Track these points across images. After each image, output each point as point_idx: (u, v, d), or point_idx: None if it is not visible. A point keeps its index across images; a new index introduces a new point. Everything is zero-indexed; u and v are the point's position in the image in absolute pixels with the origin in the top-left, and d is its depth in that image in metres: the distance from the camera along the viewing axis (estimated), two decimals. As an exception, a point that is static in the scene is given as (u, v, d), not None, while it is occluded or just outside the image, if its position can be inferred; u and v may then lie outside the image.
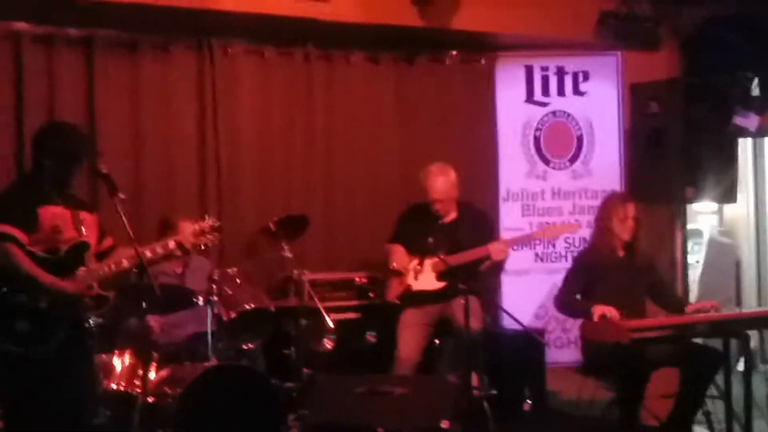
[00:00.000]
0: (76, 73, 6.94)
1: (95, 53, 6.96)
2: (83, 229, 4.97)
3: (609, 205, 6.62)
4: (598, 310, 6.16)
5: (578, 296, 6.51)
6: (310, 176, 7.71)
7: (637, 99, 7.98)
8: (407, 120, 8.03)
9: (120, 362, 5.96)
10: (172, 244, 5.17)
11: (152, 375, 5.81)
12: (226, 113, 7.40)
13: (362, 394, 5.30)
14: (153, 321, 6.09)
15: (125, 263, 4.98)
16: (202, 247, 5.66)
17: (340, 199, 7.80)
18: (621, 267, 6.46)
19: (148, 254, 5.01)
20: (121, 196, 4.94)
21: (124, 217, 4.86)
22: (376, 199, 7.84)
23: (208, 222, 5.37)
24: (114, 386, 5.89)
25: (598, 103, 8.44)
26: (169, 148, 7.25)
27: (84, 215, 5.02)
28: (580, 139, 8.48)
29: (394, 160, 7.95)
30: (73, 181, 5.02)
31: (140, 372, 5.84)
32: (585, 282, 6.47)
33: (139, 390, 5.73)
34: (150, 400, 5.58)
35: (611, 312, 6.12)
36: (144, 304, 5.38)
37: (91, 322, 5.66)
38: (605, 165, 8.42)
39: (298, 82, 7.70)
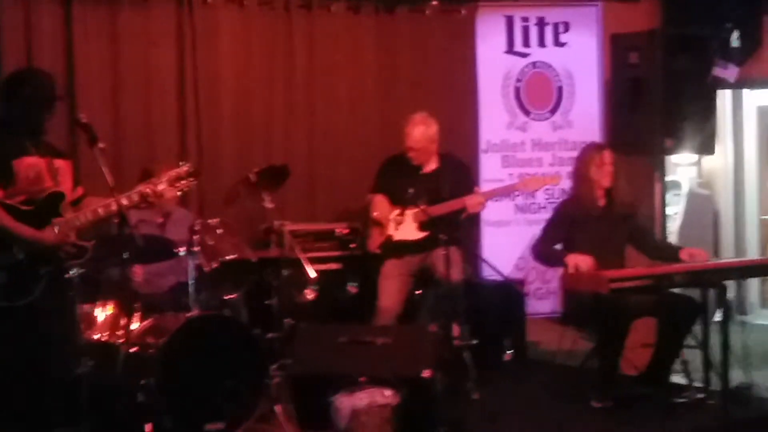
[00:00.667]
0: (54, 22, 6.90)
1: (74, 1, 6.90)
2: (58, 178, 4.93)
3: (586, 154, 6.63)
4: (572, 260, 6.19)
5: (558, 246, 6.54)
6: (290, 126, 7.71)
7: (618, 50, 7.98)
8: (388, 70, 8.02)
9: (102, 313, 5.97)
10: (146, 190, 5.14)
11: (135, 325, 5.80)
12: (206, 63, 7.37)
13: (344, 344, 5.34)
14: (136, 271, 6.08)
15: (100, 211, 4.96)
16: (178, 193, 5.64)
17: (320, 149, 7.81)
18: (601, 216, 6.48)
19: (124, 202, 4.97)
20: (101, 145, 4.91)
21: (104, 167, 4.83)
22: (356, 150, 7.85)
23: (184, 168, 5.34)
24: (97, 336, 5.90)
25: (579, 54, 8.45)
26: (149, 98, 7.23)
27: (58, 163, 4.98)
28: (560, 90, 8.49)
29: (374, 111, 7.95)
30: (44, 126, 4.96)
31: (123, 322, 5.85)
32: (565, 232, 6.49)
33: (121, 340, 5.74)
34: (133, 350, 5.58)
35: (585, 262, 6.16)
36: (126, 255, 5.37)
37: (72, 272, 5.68)
38: (585, 116, 8.44)
39: (278, 32, 7.67)
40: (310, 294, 6.48)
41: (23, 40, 6.76)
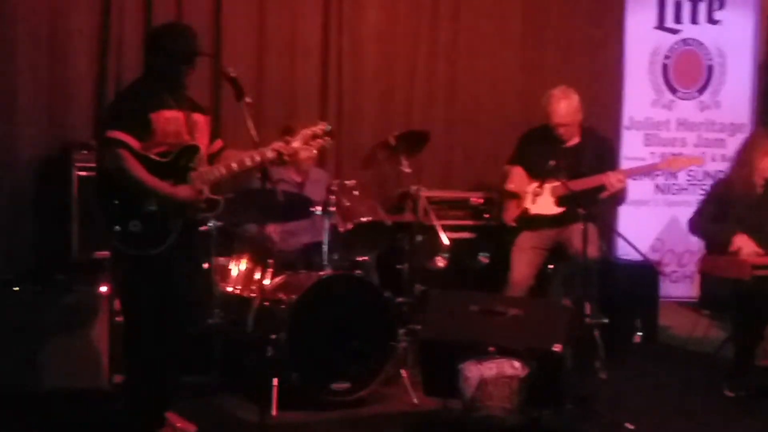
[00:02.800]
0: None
1: (223, -41, 6.98)
2: (195, 132, 4.98)
3: (754, 138, 6.42)
4: (739, 240, 6.03)
5: None
6: (432, 92, 7.70)
7: (775, 30, 7.72)
8: (533, 41, 7.95)
9: (236, 266, 6.05)
10: (281, 146, 5.15)
11: (267, 281, 5.87)
12: (352, 24, 7.40)
13: (475, 312, 5.28)
14: (272, 228, 6.14)
15: (234, 166, 4.96)
16: (315, 152, 5.65)
17: (460, 117, 7.77)
18: (757, 203, 6.24)
19: (258, 157, 4.95)
20: (248, 100, 4.92)
21: (249, 122, 4.85)
22: (496, 120, 7.79)
23: (320, 126, 5.32)
24: (230, 289, 5.99)
25: (733, 33, 8.21)
26: (293, 58, 7.28)
27: (197, 117, 5.00)
28: (710, 69, 8.27)
29: (517, 81, 7.88)
30: (185, 81, 4.97)
31: (256, 277, 5.93)
32: (718, 212, 6.28)
33: (254, 294, 5.82)
34: (264, 305, 5.65)
35: (751, 247, 5.98)
36: (264, 211, 5.42)
37: (210, 225, 5.77)
38: (735, 97, 8.21)
39: (424, -5, 7.64)
40: (441, 261, 6.45)
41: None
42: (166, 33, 5.04)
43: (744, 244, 6.02)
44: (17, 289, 5.54)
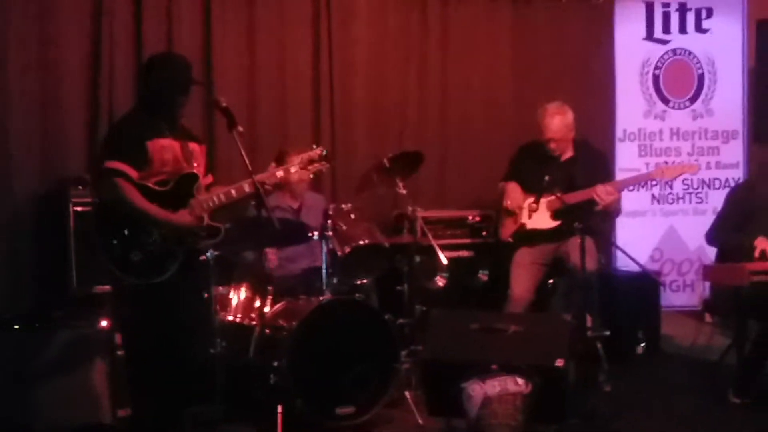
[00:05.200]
0: (193, 8, 6.98)
1: (212, -12, 7.00)
2: (192, 161, 4.99)
3: None
4: (762, 244, 5.98)
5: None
6: (424, 113, 7.71)
7: (763, 36, 7.73)
8: (523, 57, 7.96)
9: (236, 295, 6.04)
10: (279, 173, 5.16)
11: (267, 308, 5.86)
12: (341, 47, 7.42)
13: (476, 331, 5.27)
14: (270, 255, 6.14)
15: (233, 193, 4.99)
16: (311, 176, 5.66)
17: (454, 136, 7.79)
18: None
19: (255, 185, 4.92)
20: (240, 129, 4.92)
21: (242, 150, 4.85)
22: (490, 138, 7.80)
23: (317, 151, 5.35)
24: (230, 318, 5.98)
25: (722, 41, 8.21)
26: (284, 83, 7.31)
27: (193, 146, 5.03)
28: (701, 77, 8.27)
29: (508, 99, 7.89)
30: (180, 110, 5.01)
31: (256, 305, 5.92)
32: (739, 218, 6.24)
33: (254, 322, 5.81)
34: (266, 332, 5.64)
35: None
36: (261, 238, 5.41)
37: (208, 254, 5.77)
38: (727, 105, 8.21)
39: (413, 17, 7.68)
40: (440, 281, 6.44)
41: (163, 27, 6.86)
42: (161, 62, 5.08)
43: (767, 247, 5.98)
44: (17, 327, 5.51)
